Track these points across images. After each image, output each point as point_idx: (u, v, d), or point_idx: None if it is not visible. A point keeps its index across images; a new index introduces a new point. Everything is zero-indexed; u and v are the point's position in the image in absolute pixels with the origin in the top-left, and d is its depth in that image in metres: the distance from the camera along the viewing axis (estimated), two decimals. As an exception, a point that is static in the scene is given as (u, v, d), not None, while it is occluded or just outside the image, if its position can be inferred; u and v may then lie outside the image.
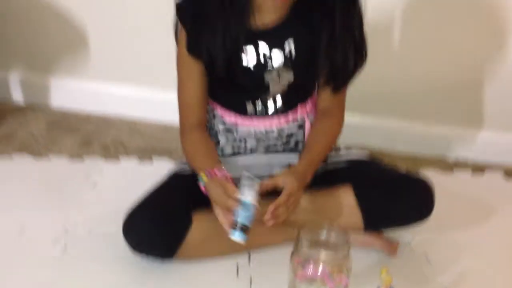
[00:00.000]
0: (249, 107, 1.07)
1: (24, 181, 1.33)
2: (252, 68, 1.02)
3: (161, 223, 1.00)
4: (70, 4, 1.70)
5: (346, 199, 1.08)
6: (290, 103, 1.08)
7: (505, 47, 1.46)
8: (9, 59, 1.83)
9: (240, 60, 1.01)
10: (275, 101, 1.07)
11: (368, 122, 1.59)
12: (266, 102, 1.07)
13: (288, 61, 1.02)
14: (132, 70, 1.72)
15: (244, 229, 0.91)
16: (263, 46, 1.02)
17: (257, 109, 1.07)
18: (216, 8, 0.98)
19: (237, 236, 0.92)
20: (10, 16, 1.77)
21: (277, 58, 1.02)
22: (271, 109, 1.08)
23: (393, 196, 1.06)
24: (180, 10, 1.03)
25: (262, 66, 1.02)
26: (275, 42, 1.01)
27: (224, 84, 1.06)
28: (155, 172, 1.20)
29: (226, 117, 1.10)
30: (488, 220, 1.25)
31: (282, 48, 1.02)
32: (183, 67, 1.07)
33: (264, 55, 1.02)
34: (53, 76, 1.80)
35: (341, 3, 0.97)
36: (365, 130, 1.58)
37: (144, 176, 1.22)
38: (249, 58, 1.02)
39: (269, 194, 0.97)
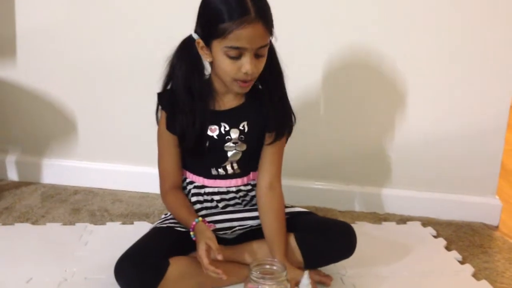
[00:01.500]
0: (213, 171, 1.36)
1: (26, 243, 1.53)
2: (215, 137, 1.32)
3: (143, 267, 1.23)
4: (61, 96, 1.93)
5: (289, 243, 1.34)
6: (244, 169, 1.37)
7: (405, 119, 1.80)
8: (6, 143, 2.03)
9: (206, 132, 1.32)
10: (232, 167, 1.37)
11: (313, 185, 1.88)
12: (226, 167, 1.36)
13: (242, 136, 1.34)
14: (112, 150, 1.97)
15: None
16: (224, 125, 1.33)
17: (220, 173, 1.37)
18: (186, 98, 1.29)
19: None
20: (7, 106, 1.98)
21: (234, 133, 1.33)
22: (230, 173, 1.36)
23: (324, 238, 1.33)
24: (161, 98, 1.34)
25: (223, 137, 1.33)
26: (233, 122, 1.33)
27: (194, 154, 1.35)
28: (136, 231, 1.41)
29: (195, 180, 1.39)
30: (405, 257, 1.49)
31: (238, 127, 1.34)
32: (162, 141, 1.36)
33: (225, 130, 1.33)
34: (45, 157, 2.00)
35: (274, 89, 1.32)
36: (312, 192, 1.86)
37: (127, 234, 1.43)
38: (213, 131, 1.32)
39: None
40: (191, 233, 1.27)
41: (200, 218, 1.28)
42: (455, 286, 1.39)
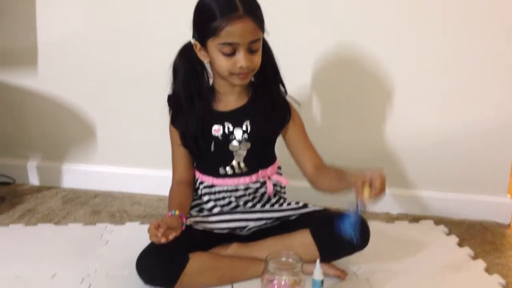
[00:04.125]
0: (221, 170, 1.42)
1: (50, 242, 1.59)
2: (220, 137, 1.39)
3: (165, 260, 1.28)
4: (79, 103, 1.99)
5: (305, 239, 1.37)
6: (251, 167, 1.43)
7: (416, 118, 1.81)
8: (27, 149, 2.09)
9: (210, 132, 1.40)
10: (239, 165, 1.42)
11: None
12: (233, 166, 1.42)
13: (246, 135, 1.40)
14: (130, 154, 2.02)
15: None
16: (227, 125, 1.40)
17: (227, 172, 1.42)
18: (187, 100, 1.38)
19: None
20: (28, 113, 2.05)
21: (238, 133, 1.40)
22: (237, 171, 1.42)
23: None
24: (168, 99, 1.43)
25: (227, 137, 1.39)
26: (236, 122, 1.40)
27: (200, 154, 1.42)
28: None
29: (205, 180, 1.45)
30: (418, 253, 1.52)
31: (241, 126, 1.40)
32: (171, 139, 1.46)
33: (229, 130, 1.40)
34: (65, 162, 2.06)
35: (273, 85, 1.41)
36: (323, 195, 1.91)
37: (146, 234, 1.38)
38: (217, 131, 1.40)
39: None
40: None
41: (177, 212, 1.31)
42: (467, 280, 1.41)
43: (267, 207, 1.46)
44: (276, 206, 1.46)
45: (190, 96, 1.38)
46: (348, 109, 1.87)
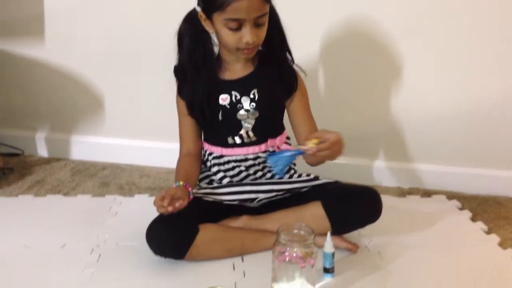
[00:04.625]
0: (230, 140, 1.40)
1: (59, 213, 1.59)
2: (227, 106, 1.37)
3: (175, 232, 1.27)
4: (88, 73, 1.98)
5: (317, 211, 1.35)
6: (260, 136, 1.41)
7: (429, 92, 1.79)
8: (36, 121, 2.09)
9: (218, 101, 1.38)
10: (248, 135, 1.40)
11: (339, 161, 1.87)
12: (242, 136, 1.40)
13: (254, 104, 1.38)
14: (139, 127, 2.00)
15: (331, 271, 1.26)
16: (235, 93, 1.38)
17: (236, 141, 1.40)
18: (192, 68, 1.36)
19: (329, 277, 1.26)
20: (36, 84, 2.04)
21: (245, 101, 1.38)
22: (246, 141, 1.40)
23: (351, 203, 1.35)
24: (175, 69, 1.41)
25: (234, 105, 1.37)
26: (243, 90, 1.38)
27: (207, 124, 1.41)
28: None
29: (214, 151, 1.43)
30: (430, 227, 1.50)
31: (248, 95, 1.38)
32: (178, 109, 1.44)
33: (236, 99, 1.38)
34: (73, 134, 2.05)
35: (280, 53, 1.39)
36: (338, 167, 1.74)
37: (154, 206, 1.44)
38: (225, 100, 1.38)
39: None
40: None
41: (182, 182, 1.30)
42: (481, 254, 1.39)
43: (277, 178, 1.43)
44: (286, 178, 1.44)
45: (195, 65, 1.36)
46: (356, 79, 1.83)
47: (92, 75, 1.99)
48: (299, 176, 1.45)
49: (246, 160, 1.41)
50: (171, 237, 1.27)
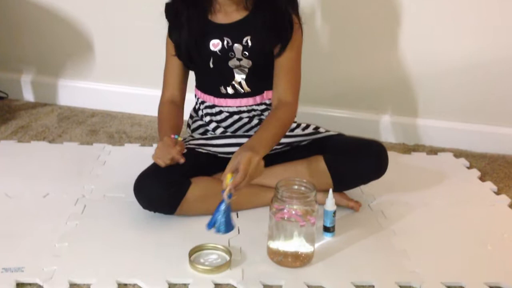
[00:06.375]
0: (223, 90, 1.30)
1: (43, 160, 1.51)
2: (218, 52, 1.26)
3: (165, 184, 1.18)
4: (76, 14, 1.87)
5: (318, 166, 1.27)
6: (255, 88, 1.30)
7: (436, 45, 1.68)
8: (21, 63, 1.99)
9: (208, 46, 1.27)
10: (241, 85, 1.30)
11: (343, 115, 1.79)
12: (235, 86, 1.30)
13: (246, 52, 1.26)
14: (130, 72, 1.90)
15: (332, 230, 1.19)
16: (227, 39, 1.26)
17: (228, 91, 1.30)
18: (183, 7, 1.26)
19: (329, 236, 1.19)
20: (21, 24, 1.93)
21: (237, 48, 1.26)
22: (240, 92, 1.30)
23: (355, 157, 1.27)
24: (166, 8, 1.30)
25: (226, 52, 1.26)
26: (236, 37, 1.26)
27: (198, 69, 1.32)
28: (155, 152, 1.38)
29: (206, 100, 1.33)
30: (436, 186, 1.44)
31: (241, 42, 1.26)
32: (167, 49, 1.34)
33: (228, 45, 1.26)
34: (61, 78, 1.96)
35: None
36: (341, 121, 1.75)
37: (146, 156, 1.33)
38: (216, 46, 1.26)
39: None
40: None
41: (180, 138, 1.24)
42: (491, 216, 1.32)
43: None
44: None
45: (185, 4, 1.26)
46: (363, 32, 1.73)
47: (80, 16, 1.88)
48: (298, 126, 1.36)
49: (239, 112, 1.32)
50: (161, 190, 1.19)
